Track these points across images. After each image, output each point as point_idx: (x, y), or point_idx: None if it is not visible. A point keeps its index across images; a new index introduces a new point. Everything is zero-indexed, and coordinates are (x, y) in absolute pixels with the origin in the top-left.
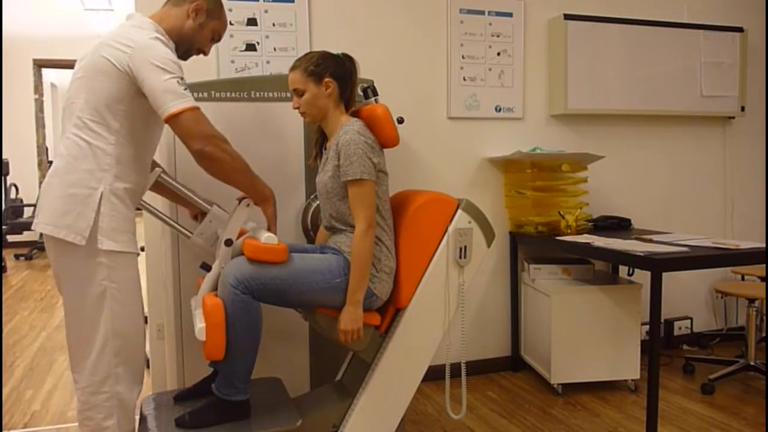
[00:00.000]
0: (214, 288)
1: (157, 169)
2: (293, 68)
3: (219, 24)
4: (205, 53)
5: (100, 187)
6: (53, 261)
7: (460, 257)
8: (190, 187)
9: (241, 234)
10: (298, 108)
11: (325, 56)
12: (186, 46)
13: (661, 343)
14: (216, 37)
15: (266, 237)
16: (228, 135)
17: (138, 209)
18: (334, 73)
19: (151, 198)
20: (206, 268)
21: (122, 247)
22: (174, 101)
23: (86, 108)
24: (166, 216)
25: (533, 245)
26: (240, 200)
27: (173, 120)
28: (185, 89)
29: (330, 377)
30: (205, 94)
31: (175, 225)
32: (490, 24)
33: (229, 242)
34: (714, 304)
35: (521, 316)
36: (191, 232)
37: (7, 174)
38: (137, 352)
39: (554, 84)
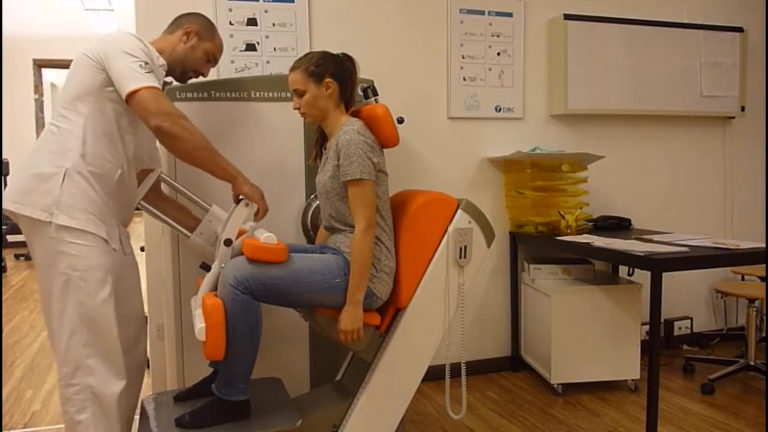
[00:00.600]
0: (214, 288)
1: (156, 170)
2: (293, 69)
3: (212, 45)
4: (204, 75)
5: (65, 165)
6: (27, 242)
7: (460, 257)
8: (192, 187)
9: (240, 234)
10: (298, 108)
11: (326, 56)
12: (180, 67)
13: (661, 343)
14: (211, 59)
15: (266, 237)
16: (228, 135)
17: (137, 209)
18: (335, 74)
19: None
20: (206, 268)
21: (78, 224)
22: (132, 80)
23: (61, 99)
24: (164, 217)
25: (533, 245)
26: (238, 200)
27: (131, 99)
28: (148, 72)
29: (330, 377)
30: (205, 94)
31: (175, 225)
32: (490, 24)
33: (228, 242)
34: (714, 304)
35: (521, 316)
36: (191, 232)
37: (7, 174)
38: (111, 343)
39: (554, 84)
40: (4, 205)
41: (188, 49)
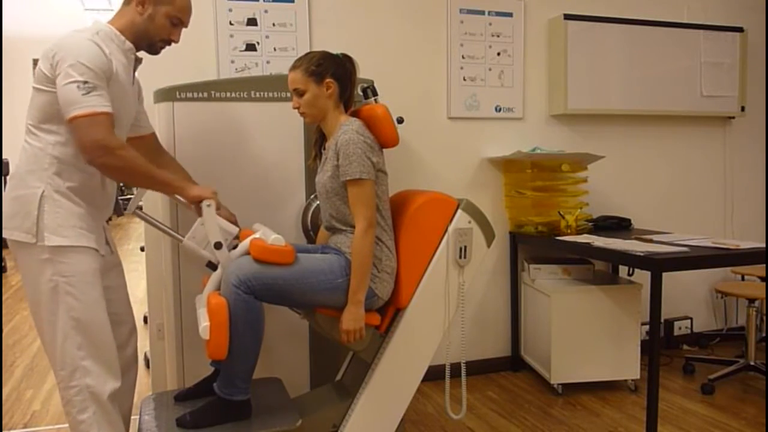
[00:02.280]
0: (219, 288)
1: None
2: (294, 68)
3: (171, 8)
4: (175, 41)
5: (42, 186)
6: (17, 263)
7: (460, 257)
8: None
9: (246, 236)
10: (297, 108)
11: (326, 56)
12: (146, 40)
13: (661, 343)
14: (177, 22)
15: (274, 238)
16: (228, 135)
17: (139, 207)
18: (335, 74)
19: (147, 204)
20: (212, 267)
21: (71, 241)
22: (69, 106)
23: (29, 115)
24: (158, 221)
25: (533, 245)
26: (198, 205)
27: (69, 126)
28: (86, 93)
29: (330, 377)
30: (205, 94)
31: (168, 230)
32: (490, 24)
33: (218, 245)
34: (714, 304)
35: (521, 316)
36: (183, 237)
37: (7, 174)
38: (105, 344)
39: (554, 84)
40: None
41: (146, 19)
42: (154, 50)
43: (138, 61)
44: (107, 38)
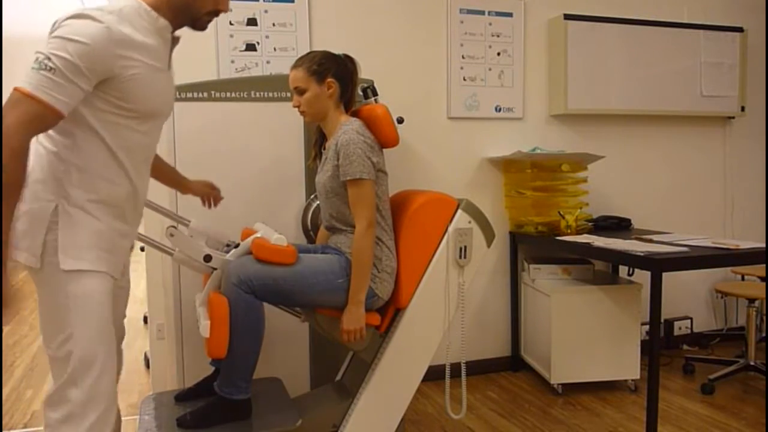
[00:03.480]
0: (219, 286)
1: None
2: (295, 66)
3: None
4: (224, 10)
5: (55, 200)
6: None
7: (460, 257)
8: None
9: (247, 235)
10: (298, 106)
11: (328, 56)
12: (188, 15)
13: (661, 343)
14: None
15: (276, 238)
16: (228, 135)
17: None
18: (337, 74)
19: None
20: (208, 259)
21: (87, 265)
22: (24, 78)
23: None
24: (148, 238)
25: (533, 245)
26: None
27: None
28: (41, 69)
29: (330, 377)
30: (205, 94)
31: (158, 245)
32: (490, 24)
33: (207, 258)
34: (714, 304)
35: (521, 316)
36: (174, 250)
37: None
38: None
39: (554, 84)
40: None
41: None
42: (200, 25)
43: (175, 41)
44: (133, 16)
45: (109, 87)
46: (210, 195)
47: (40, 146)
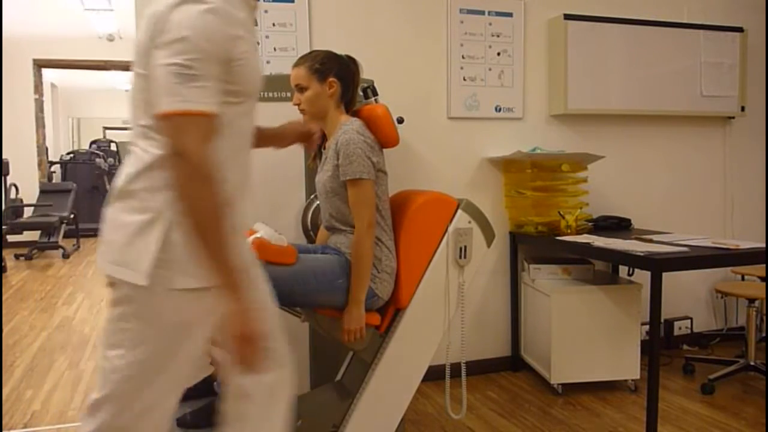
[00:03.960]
0: None
1: None
2: (297, 64)
3: None
4: None
5: (167, 209)
6: (116, 304)
7: (460, 257)
8: None
9: (248, 235)
10: (298, 104)
11: (331, 56)
12: None
13: (661, 343)
14: None
15: (276, 238)
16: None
17: None
18: (338, 74)
19: None
20: None
21: (198, 282)
22: (160, 97)
23: (142, 110)
24: None
25: (533, 245)
26: None
27: (159, 121)
28: (182, 82)
29: (330, 377)
30: None
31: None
32: (490, 24)
33: None
34: (714, 304)
35: (521, 316)
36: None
37: (7, 174)
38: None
39: (554, 84)
40: (101, 267)
41: None
42: None
43: (256, 7)
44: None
45: (222, 72)
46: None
47: (139, 150)
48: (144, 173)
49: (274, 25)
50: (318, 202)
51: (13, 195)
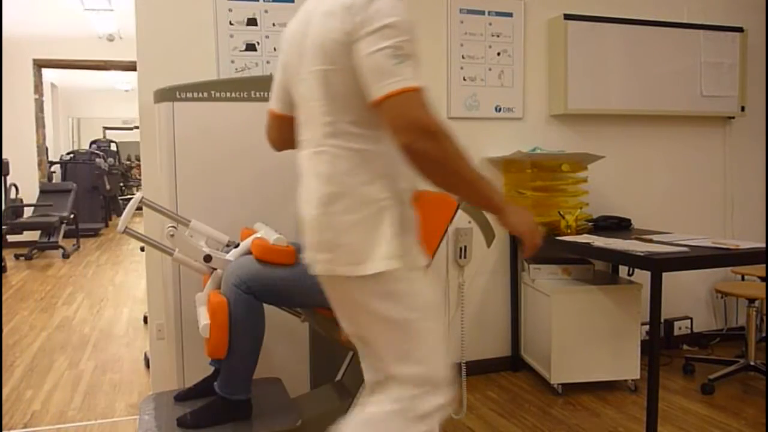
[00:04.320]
0: (219, 286)
1: (137, 194)
2: None
3: None
4: None
5: (388, 196)
6: (336, 298)
7: (460, 257)
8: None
9: (247, 235)
10: None
11: None
12: None
13: (661, 343)
14: None
15: (276, 238)
16: (228, 135)
17: (139, 209)
18: None
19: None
20: (208, 259)
21: (422, 260)
22: (378, 82)
23: (332, 107)
24: (147, 237)
25: None
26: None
27: (379, 107)
28: (399, 63)
29: (330, 377)
30: (205, 94)
31: (158, 245)
32: (490, 24)
33: (207, 258)
34: (714, 304)
35: (521, 316)
36: (174, 250)
37: (7, 174)
38: None
39: (554, 84)
40: (339, 272)
41: None
42: None
43: None
44: None
45: None
46: None
47: (341, 151)
48: (353, 170)
49: (274, 25)
50: None
51: (13, 195)
